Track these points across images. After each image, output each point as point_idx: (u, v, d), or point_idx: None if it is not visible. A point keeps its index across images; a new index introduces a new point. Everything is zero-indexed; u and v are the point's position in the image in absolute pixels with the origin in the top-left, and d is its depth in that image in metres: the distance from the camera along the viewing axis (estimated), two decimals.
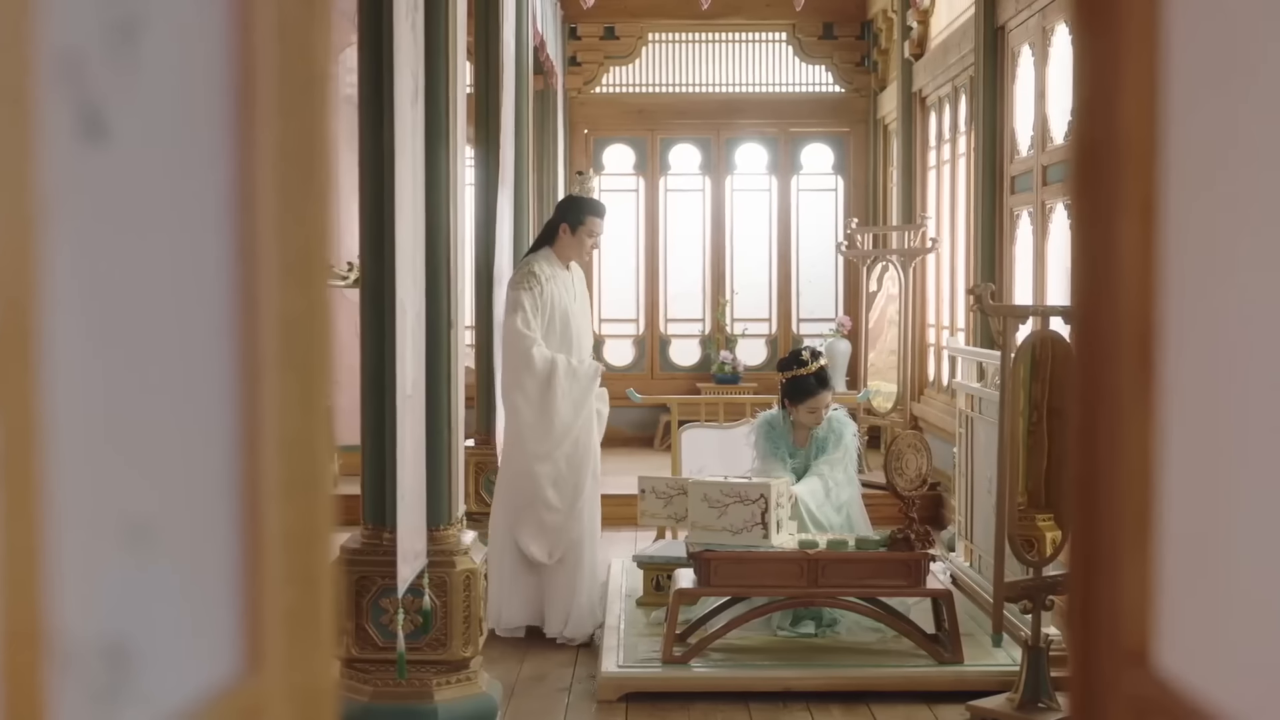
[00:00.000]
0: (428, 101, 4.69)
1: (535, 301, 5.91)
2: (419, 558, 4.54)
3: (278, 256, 0.90)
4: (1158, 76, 0.87)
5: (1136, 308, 0.89)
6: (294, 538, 0.92)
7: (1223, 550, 0.80)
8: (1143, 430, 0.88)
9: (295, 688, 0.92)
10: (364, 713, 4.64)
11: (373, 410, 4.66)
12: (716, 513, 5.43)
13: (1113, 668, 0.92)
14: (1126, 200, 0.89)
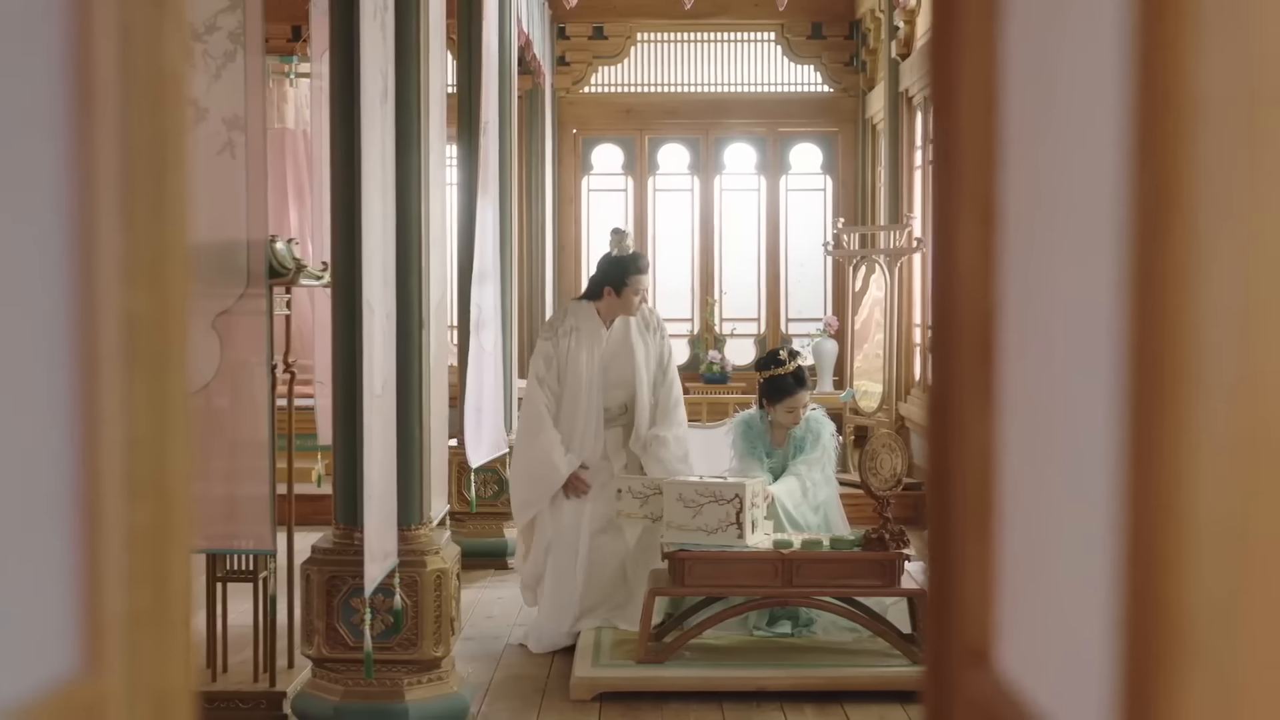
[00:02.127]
0: (399, 101, 4.69)
1: (550, 352, 5.98)
2: (389, 557, 4.54)
3: (122, 256, 0.90)
4: (996, 86, 0.88)
5: (979, 309, 0.89)
6: (142, 537, 0.92)
7: (1051, 551, 0.80)
8: (983, 429, 0.88)
9: (144, 688, 0.92)
10: (334, 712, 4.64)
11: (344, 410, 4.66)
12: (691, 512, 5.43)
13: (958, 668, 0.92)
14: (971, 205, 0.89)
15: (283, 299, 5.05)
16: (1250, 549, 0.52)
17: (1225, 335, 0.52)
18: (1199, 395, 0.52)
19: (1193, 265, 0.52)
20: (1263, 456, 0.52)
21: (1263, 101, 0.51)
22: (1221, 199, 0.51)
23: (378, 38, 4.46)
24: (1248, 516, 0.52)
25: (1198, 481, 0.53)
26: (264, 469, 4.80)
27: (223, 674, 5.15)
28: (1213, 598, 0.52)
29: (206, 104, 4.67)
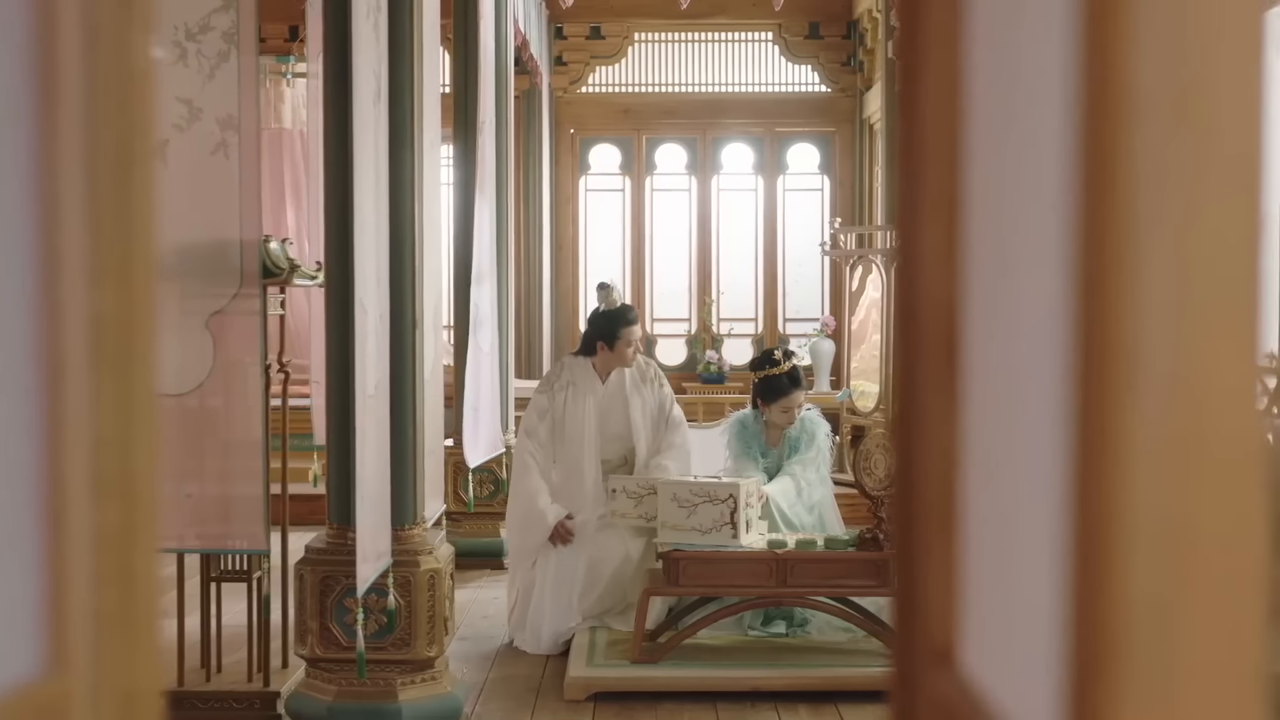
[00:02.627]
0: (392, 101, 4.70)
1: (545, 406, 6.07)
2: (381, 557, 4.54)
3: (88, 256, 0.90)
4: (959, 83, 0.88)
5: (941, 308, 0.89)
6: (108, 537, 0.92)
7: (1009, 551, 0.80)
8: (946, 429, 0.88)
9: (110, 688, 0.92)
10: (328, 712, 4.64)
11: (338, 410, 4.67)
12: (686, 512, 5.43)
13: (922, 668, 0.92)
14: (933, 203, 0.90)
15: (277, 299, 5.05)
16: (1185, 548, 0.52)
17: (1160, 333, 0.52)
18: (1135, 394, 0.52)
19: (1128, 263, 0.52)
20: (1197, 455, 0.52)
21: (1196, 96, 0.51)
22: (1156, 195, 0.52)
23: (371, 38, 4.47)
24: (1183, 515, 0.52)
25: (1134, 480, 0.53)
26: (258, 469, 4.80)
27: (217, 674, 5.15)
28: (1149, 597, 0.52)
29: (200, 104, 4.68)
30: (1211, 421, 0.52)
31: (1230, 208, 0.52)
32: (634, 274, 12.01)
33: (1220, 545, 0.52)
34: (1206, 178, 0.52)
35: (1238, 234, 0.52)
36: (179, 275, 4.73)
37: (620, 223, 12.03)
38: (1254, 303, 0.51)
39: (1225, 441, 0.52)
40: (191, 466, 4.82)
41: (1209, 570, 0.52)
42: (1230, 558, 0.52)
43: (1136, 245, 0.52)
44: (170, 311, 4.75)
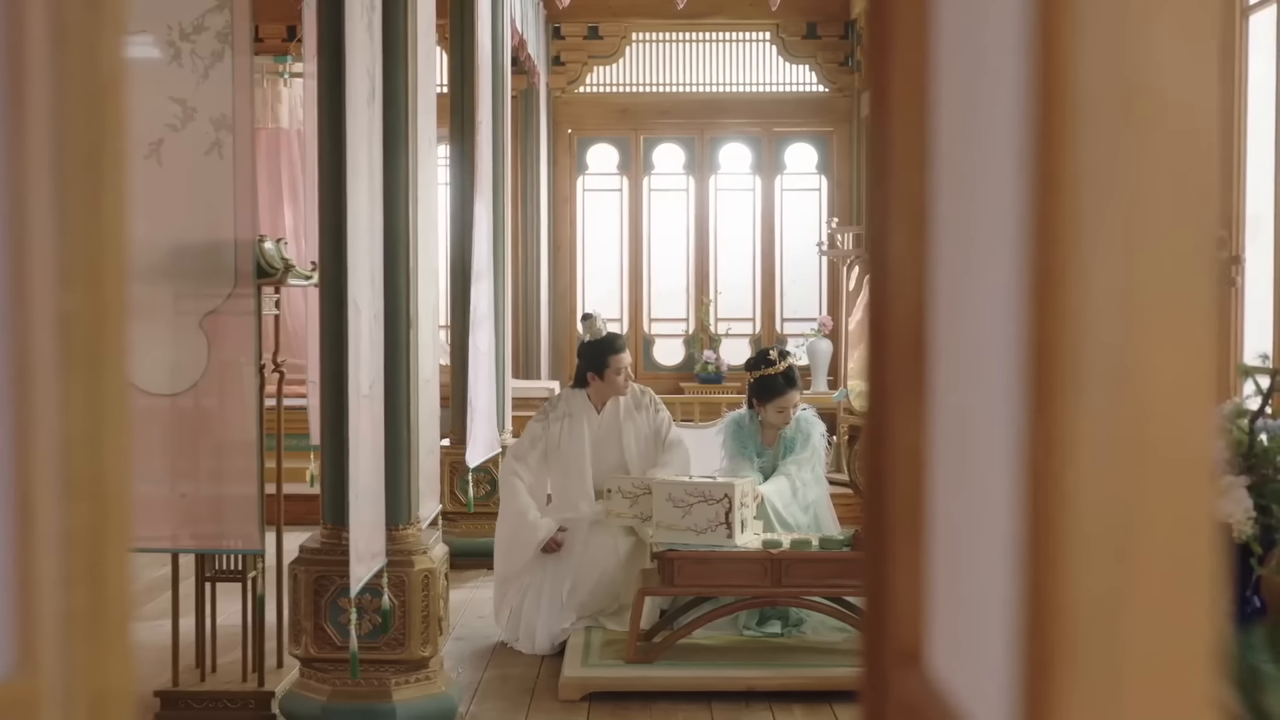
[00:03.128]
0: (386, 101, 4.70)
1: (539, 434, 6.16)
2: (376, 557, 4.54)
3: (58, 256, 0.90)
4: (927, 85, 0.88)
5: (910, 310, 0.89)
6: (78, 538, 0.92)
7: (972, 552, 0.80)
8: (913, 430, 0.88)
9: (80, 688, 0.92)
10: (322, 712, 4.64)
11: (332, 410, 4.66)
12: (681, 512, 5.43)
13: (891, 669, 0.92)
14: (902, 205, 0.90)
15: (272, 299, 5.05)
16: (1132, 548, 0.52)
17: (1105, 332, 0.52)
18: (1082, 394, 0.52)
19: (1073, 262, 0.52)
20: (1144, 454, 0.52)
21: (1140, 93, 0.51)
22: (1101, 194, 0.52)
23: (365, 38, 4.47)
24: (1129, 516, 0.52)
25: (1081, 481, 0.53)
26: (252, 469, 4.81)
27: (212, 674, 5.15)
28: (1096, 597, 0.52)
29: (195, 104, 4.68)
30: (1159, 421, 0.52)
31: (1176, 206, 0.52)
32: (631, 274, 12.02)
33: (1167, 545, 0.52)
34: (1151, 176, 0.52)
35: (1184, 233, 0.52)
36: (173, 275, 4.74)
37: (618, 223, 12.03)
38: (1201, 302, 0.51)
39: (1172, 441, 0.52)
40: (186, 466, 4.82)
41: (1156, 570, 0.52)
42: (1177, 557, 0.52)
43: (1081, 245, 0.52)
44: (164, 311, 4.76)
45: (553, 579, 5.90)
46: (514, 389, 9.20)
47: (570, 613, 5.83)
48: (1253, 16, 4.39)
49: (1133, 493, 0.52)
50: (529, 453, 6.13)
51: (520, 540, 6.00)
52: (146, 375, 4.76)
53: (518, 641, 5.93)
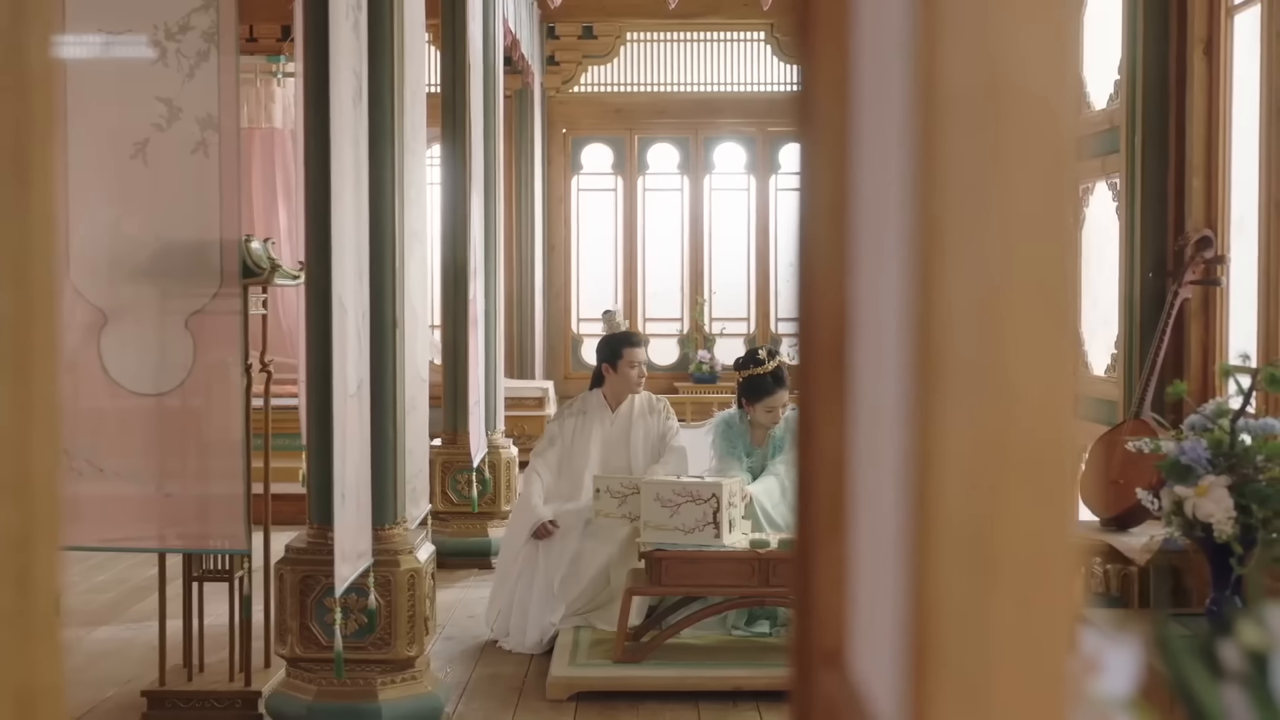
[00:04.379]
0: (372, 100, 4.69)
1: (555, 433, 6.33)
2: (362, 557, 4.54)
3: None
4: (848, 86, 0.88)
5: (831, 313, 0.89)
6: (5, 539, 0.92)
7: (883, 554, 0.80)
8: (835, 432, 0.88)
9: (5, 687, 0.92)
10: (308, 712, 4.64)
11: (319, 409, 4.66)
12: (669, 512, 5.43)
13: (816, 669, 0.92)
14: (825, 207, 0.90)
15: (259, 298, 5.05)
16: (993, 551, 0.52)
17: (971, 334, 0.52)
18: (949, 396, 0.52)
19: (942, 264, 0.52)
20: (1008, 457, 0.52)
21: (1004, 95, 0.51)
22: (967, 195, 0.51)
23: (350, 37, 4.47)
24: (992, 518, 0.52)
25: (949, 483, 0.53)
26: (238, 469, 4.80)
27: (199, 674, 5.15)
28: (963, 598, 0.52)
29: (180, 103, 4.68)
30: (1022, 423, 0.52)
31: (1040, 207, 0.52)
32: (626, 274, 12.01)
33: (1029, 548, 0.52)
34: (1015, 176, 0.52)
35: (1048, 234, 0.51)
36: (159, 275, 4.74)
37: (612, 222, 12.02)
38: (1065, 303, 0.51)
39: (1036, 443, 0.52)
40: (172, 466, 4.82)
41: (1018, 572, 0.52)
42: (1039, 560, 0.52)
43: (948, 244, 0.52)
44: (151, 311, 4.76)
45: (545, 571, 5.91)
46: (507, 389, 9.20)
47: (560, 605, 5.83)
48: (1237, 16, 4.39)
49: (996, 496, 0.52)
50: (548, 450, 6.29)
51: (519, 523, 6.16)
52: (133, 375, 4.76)
53: (507, 637, 5.93)
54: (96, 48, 4.79)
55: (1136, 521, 4.28)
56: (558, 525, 5.97)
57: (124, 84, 4.73)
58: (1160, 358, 4.46)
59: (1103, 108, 5.39)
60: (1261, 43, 4.19)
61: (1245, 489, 3.37)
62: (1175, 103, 4.67)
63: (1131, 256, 4.84)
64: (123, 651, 5.92)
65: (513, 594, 5.98)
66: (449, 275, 7.76)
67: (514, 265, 11.23)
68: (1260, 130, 4.20)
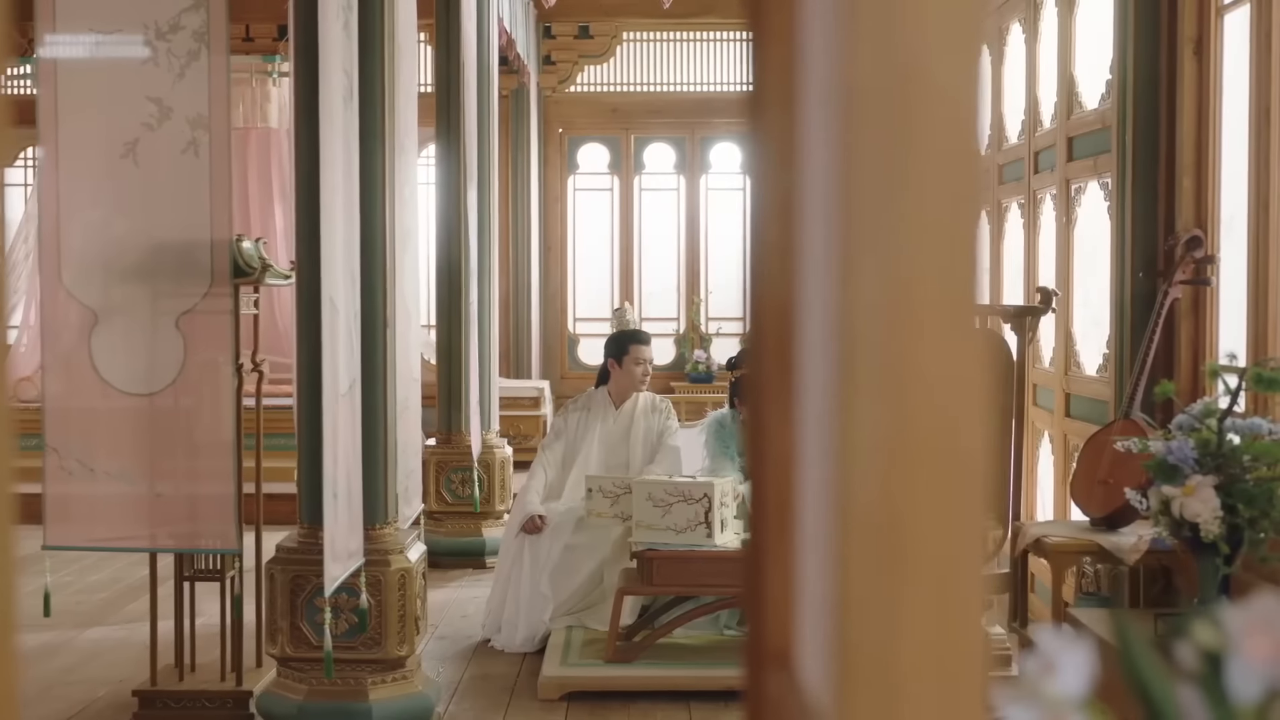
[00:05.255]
0: (363, 100, 4.69)
1: (560, 427, 6.42)
2: (353, 557, 4.54)
3: None
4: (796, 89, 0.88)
5: (780, 311, 0.89)
6: None
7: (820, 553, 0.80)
8: (784, 431, 0.88)
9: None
10: (298, 712, 4.64)
11: (309, 409, 4.66)
12: (660, 512, 5.43)
13: (767, 669, 0.92)
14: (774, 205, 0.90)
15: (250, 298, 5.05)
16: (905, 547, 0.52)
17: (881, 332, 0.52)
18: (862, 393, 0.52)
19: (857, 261, 0.52)
20: (915, 455, 0.52)
21: (913, 94, 0.51)
22: (874, 194, 0.51)
23: (341, 37, 4.46)
24: (903, 516, 0.52)
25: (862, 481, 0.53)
26: (229, 468, 4.80)
27: (191, 673, 5.15)
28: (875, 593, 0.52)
29: (171, 103, 4.68)
30: (930, 422, 0.52)
31: (948, 205, 0.52)
32: (622, 273, 12.01)
33: (937, 546, 0.52)
34: (923, 173, 0.51)
35: (955, 233, 0.51)
36: (150, 274, 4.74)
37: (609, 222, 12.02)
38: (968, 302, 0.51)
39: (944, 442, 0.52)
40: (163, 466, 4.82)
41: (930, 569, 0.52)
42: (947, 559, 0.52)
43: (862, 245, 0.52)
44: (142, 311, 4.76)
45: (531, 569, 5.92)
46: (503, 389, 9.20)
47: (550, 604, 5.83)
48: (1227, 16, 4.39)
49: (905, 494, 0.52)
50: (554, 444, 6.37)
51: (514, 518, 6.20)
52: (123, 375, 4.76)
53: (499, 634, 5.94)
54: (87, 47, 4.79)
55: (1126, 521, 4.28)
56: (546, 520, 5.98)
57: (114, 84, 4.73)
58: (1150, 358, 4.46)
59: (1094, 107, 5.39)
60: (1251, 42, 4.19)
61: (1232, 489, 3.38)
62: (1166, 102, 4.67)
63: (1122, 256, 4.84)
64: (115, 651, 5.92)
65: (505, 591, 6.00)
66: (444, 275, 7.76)
67: (510, 265, 11.23)
68: (1249, 130, 4.20)
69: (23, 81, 10.52)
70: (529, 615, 5.86)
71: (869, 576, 0.52)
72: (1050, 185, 5.92)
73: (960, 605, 0.52)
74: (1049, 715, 0.88)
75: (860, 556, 0.52)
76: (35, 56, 5.01)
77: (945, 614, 0.52)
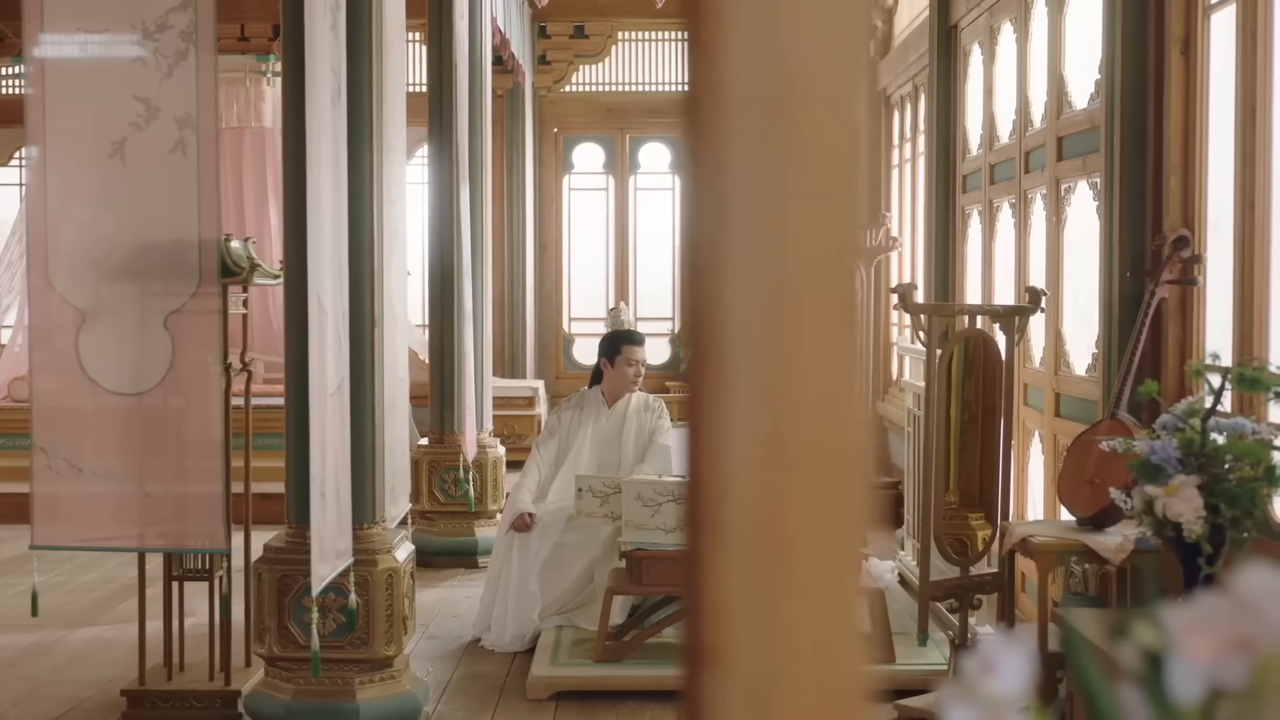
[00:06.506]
0: (351, 100, 4.69)
1: (555, 425, 6.43)
2: (341, 556, 4.54)
3: None
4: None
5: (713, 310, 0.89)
6: None
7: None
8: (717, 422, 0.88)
9: None
10: (286, 711, 4.64)
11: (296, 409, 4.65)
12: (650, 511, 5.43)
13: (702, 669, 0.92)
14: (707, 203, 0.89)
15: (239, 297, 5.05)
16: (779, 548, 0.52)
17: (758, 332, 0.52)
18: (739, 392, 0.52)
19: (734, 263, 0.52)
20: (790, 454, 0.52)
21: (792, 99, 0.51)
22: (756, 196, 0.51)
23: (328, 37, 4.46)
24: (776, 515, 0.52)
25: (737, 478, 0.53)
26: (217, 468, 4.80)
27: (179, 673, 5.15)
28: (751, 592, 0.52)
29: (158, 103, 4.67)
30: (806, 422, 0.52)
31: (827, 206, 0.51)
32: (618, 273, 12.02)
33: (813, 544, 0.52)
34: (801, 180, 0.51)
35: (834, 234, 0.51)
36: (138, 274, 4.74)
37: (604, 222, 12.02)
38: (848, 305, 0.51)
39: (820, 442, 0.52)
40: (151, 466, 4.82)
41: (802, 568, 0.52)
42: (825, 553, 0.52)
43: (737, 247, 0.52)
44: (130, 310, 4.75)
45: (520, 568, 5.92)
46: (497, 388, 9.20)
47: (538, 603, 5.84)
48: (1214, 15, 4.38)
49: (780, 494, 0.52)
50: (548, 441, 6.40)
51: (505, 516, 6.22)
52: (111, 375, 4.76)
53: (489, 632, 5.94)
54: (75, 47, 4.79)
55: (1112, 521, 4.28)
56: (536, 518, 5.99)
57: (102, 83, 4.73)
58: (1137, 357, 4.46)
59: (1084, 107, 5.39)
60: (1237, 42, 4.19)
61: (1215, 488, 3.37)
62: (1153, 102, 4.67)
63: (1110, 256, 4.83)
64: (105, 651, 5.92)
65: (495, 590, 6.00)
66: (436, 274, 7.76)
67: (505, 265, 11.23)
68: (1236, 129, 4.20)
69: (16, 81, 10.53)
70: (518, 614, 5.86)
71: (746, 575, 0.52)
72: (1041, 185, 5.92)
73: (836, 604, 0.52)
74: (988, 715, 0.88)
75: (738, 555, 0.52)
76: (24, 56, 5.02)
77: (821, 613, 0.52)
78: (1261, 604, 0.89)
